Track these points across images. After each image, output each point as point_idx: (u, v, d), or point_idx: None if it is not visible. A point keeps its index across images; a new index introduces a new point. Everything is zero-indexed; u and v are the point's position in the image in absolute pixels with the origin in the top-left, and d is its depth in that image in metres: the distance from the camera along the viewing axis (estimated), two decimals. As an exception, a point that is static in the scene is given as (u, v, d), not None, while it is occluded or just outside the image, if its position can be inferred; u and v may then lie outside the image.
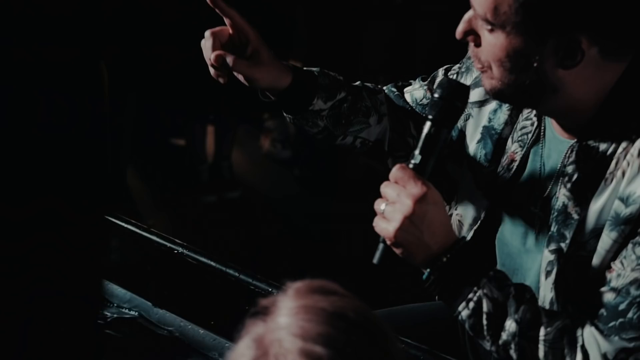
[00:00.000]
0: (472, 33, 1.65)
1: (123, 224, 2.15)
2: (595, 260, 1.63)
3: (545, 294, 1.70)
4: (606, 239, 1.61)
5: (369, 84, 2.03)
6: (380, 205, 1.64)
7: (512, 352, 1.63)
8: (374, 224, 1.65)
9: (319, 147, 4.73)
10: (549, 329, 1.61)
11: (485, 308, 1.62)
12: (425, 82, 2.04)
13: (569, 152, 1.70)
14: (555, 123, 1.74)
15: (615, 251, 1.60)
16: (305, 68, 1.92)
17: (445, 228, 1.64)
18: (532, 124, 1.79)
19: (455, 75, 1.96)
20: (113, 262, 2.21)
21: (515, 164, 1.81)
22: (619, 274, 1.59)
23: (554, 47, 1.59)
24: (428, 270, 1.65)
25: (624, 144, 1.62)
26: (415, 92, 2.04)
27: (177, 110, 4.47)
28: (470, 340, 1.95)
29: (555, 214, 1.70)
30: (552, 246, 1.70)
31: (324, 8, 4.60)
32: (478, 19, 1.63)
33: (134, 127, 4.31)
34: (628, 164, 1.61)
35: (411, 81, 2.09)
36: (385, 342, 1.11)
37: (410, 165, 1.65)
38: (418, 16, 4.69)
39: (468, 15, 1.65)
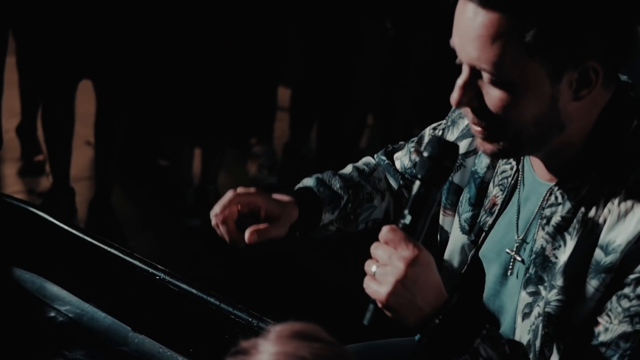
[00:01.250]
0: (470, 96, 1.62)
1: (106, 248, 2.14)
2: (578, 307, 1.63)
3: (522, 336, 1.70)
4: (588, 287, 1.61)
5: (359, 165, 2.09)
6: (370, 267, 1.62)
7: None
8: (365, 285, 1.63)
9: (306, 171, 4.73)
10: None
11: None
12: (413, 144, 2.06)
13: (548, 194, 1.70)
14: (537, 165, 1.74)
15: (598, 300, 1.60)
16: (302, 186, 2.00)
17: (436, 289, 1.63)
18: (511, 168, 1.80)
19: (441, 132, 1.97)
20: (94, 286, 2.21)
21: (497, 208, 1.81)
22: (607, 327, 1.59)
23: (569, 80, 1.57)
24: (420, 333, 1.63)
25: (604, 189, 1.62)
26: (403, 159, 2.08)
27: (164, 132, 4.47)
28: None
29: (533, 256, 1.70)
30: (530, 288, 1.70)
31: (316, 32, 4.62)
32: (476, 77, 1.60)
33: (122, 149, 4.30)
34: (609, 212, 1.60)
35: (401, 142, 2.11)
36: None
37: (400, 226, 1.63)
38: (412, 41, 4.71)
39: (462, 79, 1.61)
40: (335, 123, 4.64)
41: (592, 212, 1.63)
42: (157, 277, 2.05)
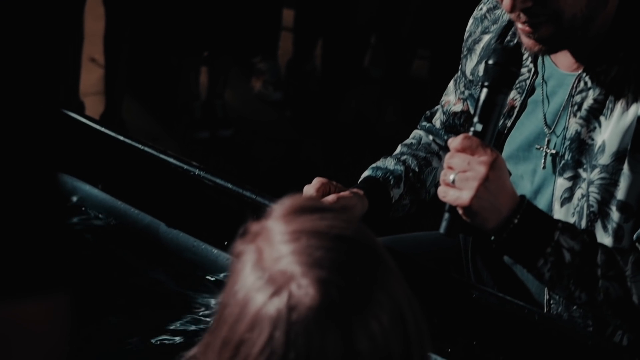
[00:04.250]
0: None
1: (140, 146, 2.19)
2: (623, 182, 1.71)
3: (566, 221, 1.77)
4: (632, 161, 1.69)
5: (406, 142, 2.14)
6: (448, 176, 1.67)
7: (597, 295, 1.69)
8: (442, 194, 1.68)
9: (310, 89, 4.79)
10: (626, 266, 1.68)
11: (565, 259, 1.67)
12: (442, 100, 2.12)
13: (576, 82, 1.77)
14: (560, 59, 1.81)
15: None
16: (361, 179, 2.02)
17: (511, 191, 1.68)
18: (528, 70, 1.86)
19: (464, 60, 2.03)
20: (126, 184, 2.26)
21: (516, 110, 1.88)
22: None
23: None
24: (500, 235, 1.68)
25: (633, 66, 1.70)
26: (441, 117, 2.12)
27: (171, 48, 4.51)
28: (475, 268, 2.03)
29: (568, 142, 1.77)
30: (568, 174, 1.77)
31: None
32: None
33: (129, 64, 4.34)
34: None
35: (437, 106, 2.17)
36: (382, 254, 1.09)
37: (471, 134, 1.69)
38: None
39: None
40: (339, 42, 4.68)
41: (624, 91, 1.70)
42: (192, 173, 2.11)
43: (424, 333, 1.09)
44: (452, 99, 2.08)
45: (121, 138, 2.22)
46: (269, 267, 1.04)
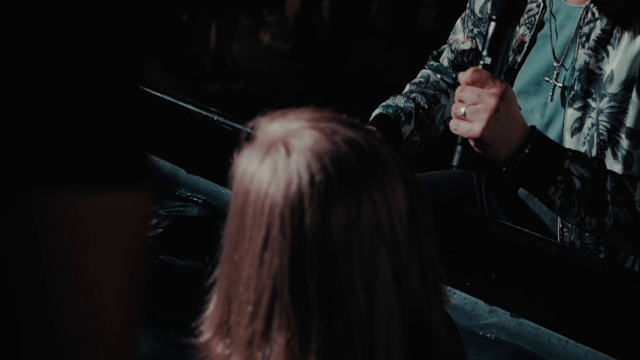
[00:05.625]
0: None
1: (158, 94, 2.21)
2: (632, 110, 1.75)
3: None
4: None
5: (414, 80, 2.16)
6: (459, 109, 1.70)
7: (607, 221, 1.73)
8: (453, 126, 1.72)
9: (318, 40, 4.80)
10: (635, 191, 1.72)
11: (575, 186, 1.71)
12: (449, 39, 2.14)
13: (584, 13, 1.81)
14: None
15: None
16: (372, 117, 2.05)
17: (521, 122, 1.72)
18: (537, 5, 1.90)
19: (469, 4, 2.06)
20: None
21: (525, 46, 1.92)
22: None
23: None
24: (512, 165, 1.71)
25: None
26: (449, 55, 2.14)
27: (181, 4, 4.52)
28: (489, 203, 2.07)
29: (577, 73, 1.81)
30: (578, 104, 1.81)
31: None
32: None
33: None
34: None
35: (444, 46, 2.19)
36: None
37: (480, 67, 1.72)
38: None
39: None
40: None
41: (631, 20, 1.74)
42: (211, 119, 2.14)
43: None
44: (460, 37, 2.11)
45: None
46: (262, 140, 1.11)
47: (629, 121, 1.76)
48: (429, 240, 1.10)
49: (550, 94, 1.88)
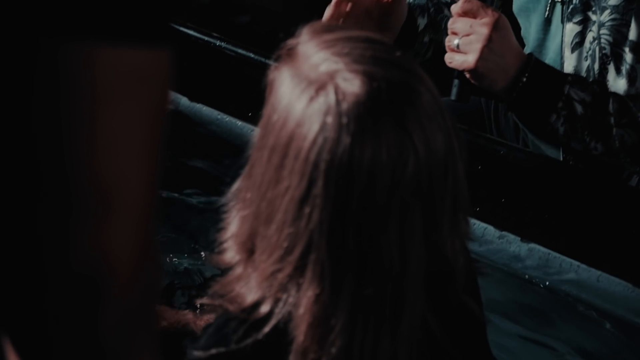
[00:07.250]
0: None
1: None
2: (635, 22, 1.69)
3: (577, 66, 1.76)
4: None
5: None
6: (452, 41, 1.66)
7: (612, 144, 1.69)
8: (448, 59, 1.67)
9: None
10: (639, 112, 1.68)
11: (577, 111, 1.67)
12: None
13: None
14: None
15: None
16: None
17: (517, 50, 1.68)
18: None
19: None
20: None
21: None
22: None
23: None
24: (510, 94, 1.68)
25: None
26: None
27: None
28: (498, 128, 2.03)
29: None
30: (577, 17, 1.75)
31: None
32: None
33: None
34: None
35: None
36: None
37: None
38: None
39: None
40: None
41: None
42: (213, 45, 2.09)
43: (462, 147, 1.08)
44: None
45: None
46: (307, 74, 1.02)
47: (632, 34, 1.70)
48: (464, 193, 1.07)
49: (549, 9, 1.82)
